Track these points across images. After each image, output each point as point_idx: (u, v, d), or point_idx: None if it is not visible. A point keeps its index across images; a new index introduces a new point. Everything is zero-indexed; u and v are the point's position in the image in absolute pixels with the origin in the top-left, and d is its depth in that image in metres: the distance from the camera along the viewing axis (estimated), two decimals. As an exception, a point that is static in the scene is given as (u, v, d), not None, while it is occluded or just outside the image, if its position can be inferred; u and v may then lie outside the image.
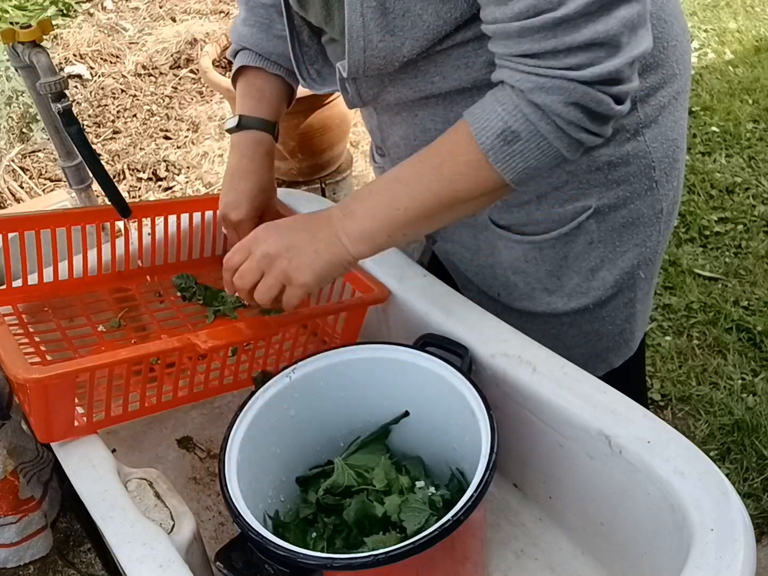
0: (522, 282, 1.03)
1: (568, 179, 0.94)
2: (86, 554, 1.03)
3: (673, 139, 0.96)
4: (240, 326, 0.91)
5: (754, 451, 1.80)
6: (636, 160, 0.94)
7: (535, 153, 0.79)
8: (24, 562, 0.95)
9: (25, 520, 0.94)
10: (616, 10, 0.72)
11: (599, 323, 1.05)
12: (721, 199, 2.59)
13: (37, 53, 1.47)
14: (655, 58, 0.91)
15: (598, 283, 1.01)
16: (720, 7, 3.78)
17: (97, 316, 1.07)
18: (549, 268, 1.00)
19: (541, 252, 0.99)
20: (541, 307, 1.04)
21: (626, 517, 0.81)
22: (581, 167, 0.93)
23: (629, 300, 1.04)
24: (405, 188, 0.83)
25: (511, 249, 1.01)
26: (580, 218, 0.96)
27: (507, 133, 0.78)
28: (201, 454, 1.10)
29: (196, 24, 3.91)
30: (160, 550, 0.74)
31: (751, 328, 2.11)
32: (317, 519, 0.88)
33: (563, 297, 1.02)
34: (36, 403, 0.81)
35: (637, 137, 0.93)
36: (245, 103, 1.08)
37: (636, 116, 0.92)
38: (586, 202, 0.95)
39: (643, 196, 0.97)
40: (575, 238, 0.98)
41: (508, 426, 0.88)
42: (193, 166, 3.01)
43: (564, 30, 0.73)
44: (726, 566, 0.66)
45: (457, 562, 0.79)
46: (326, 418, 0.94)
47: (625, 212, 0.97)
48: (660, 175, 0.96)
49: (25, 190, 2.88)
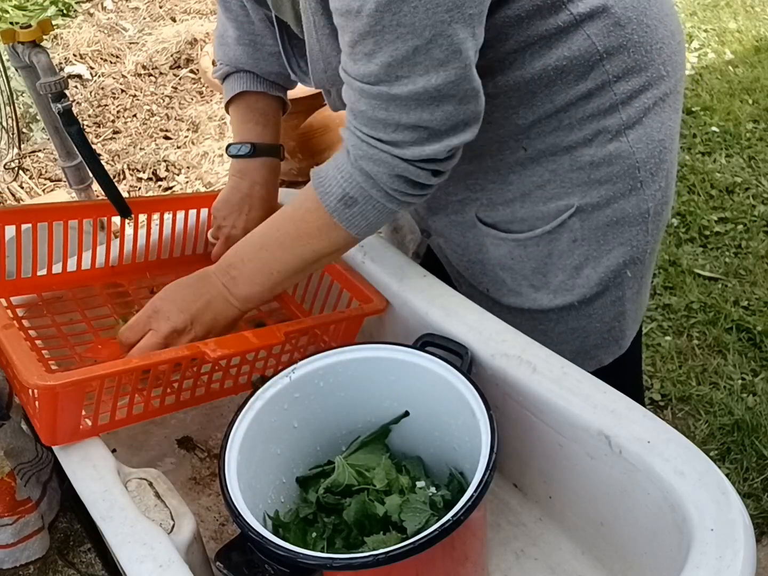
0: (509, 278, 1.04)
1: (551, 178, 0.95)
2: (86, 554, 1.03)
3: (659, 140, 0.97)
4: (247, 335, 0.93)
5: (754, 451, 1.80)
6: (619, 160, 0.95)
7: (373, 213, 0.88)
8: (20, 564, 0.95)
9: (22, 522, 0.94)
10: (444, 105, 0.79)
11: (586, 320, 1.05)
12: (721, 199, 2.59)
13: (37, 53, 1.47)
14: (637, 62, 0.91)
15: (583, 281, 1.01)
16: (720, 7, 3.78)
17: (91, 311, 1.07)
18: (534, 265, 1.02)
19: (525, 249, 1.01)
20: (527, 303, 1.05)
21: (626, 517, 0.81)
22: (563, 166, 0.94)
23: (617, 298, 1.04)
24: (272, 255, 0.92)
25: (497, 246, 1.03)
26: (562, 216, 0.97)
27: (346, 198, 0.86)
28: (201, 454, 1.10)
29: (196, 24, 3.91)
30: (160, 550, 0.74)
31: (751, 328, 2.10)
32: (317, 519, 0.88)
33: (549, 294, 1.03)
34: (45, 408, 0.81)
35: (620, 138, 0.94)
36: (251, 129, 1.09)
37: (618, 118, 0.93)
38: (569, 201, 0.96)
39: (628, 196, 0.97)
40: (559, 236, 0.99)
41: (508, 426, 0.88)
42: (193, 166, 3.01)
43: (395, 107, 0.79)
44: (726, 566, 0.66)
45: (457, 562, 0.79)
46: (326, 418, 0.94)
47: (609, 211, 0.97)
48: (645, 176, 0.97)
49: (25, 190, 2.88)
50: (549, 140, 0.93)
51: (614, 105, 0.92)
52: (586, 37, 0.87)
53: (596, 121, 0.92)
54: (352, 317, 1.02)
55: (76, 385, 0.80)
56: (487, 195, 1.00)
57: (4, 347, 0.83)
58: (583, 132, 0.93)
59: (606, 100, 0.91)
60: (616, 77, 0.91)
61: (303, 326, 0.99)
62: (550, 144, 0.93)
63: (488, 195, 1.00)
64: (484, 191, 1.00)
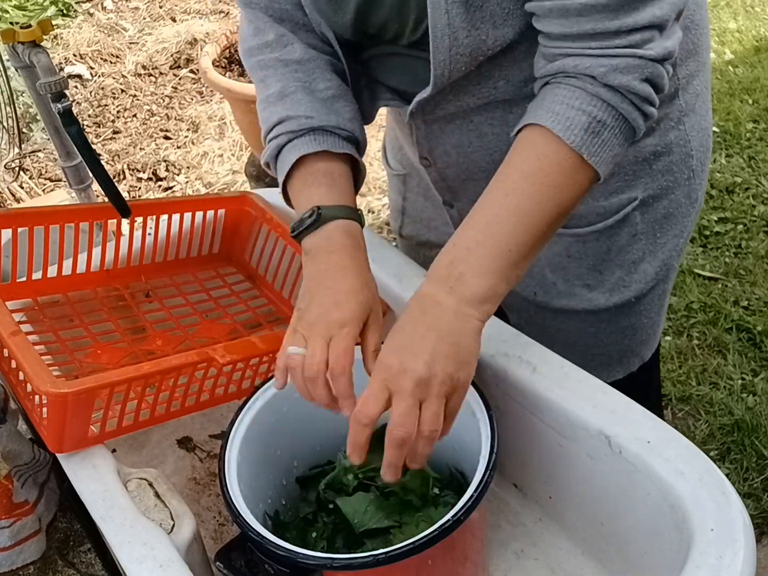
0: (561, 279, 1.01)
1: (615, 171, 0.92)
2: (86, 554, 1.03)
3: (705, 128, 0.97)
4: (255, 340, 0.93)
5: (754, 451, 1.80)
6: (678, 149, 0.94)
7: (620, 138, 0.76)
8: (16, 567, 0.95)
9: (18, 525, 0.94)
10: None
11: (636, 317, 1.03)
12: (721, 199, 2.59)
13: (37, 53, 1.47)
14: (694, 44, 0.90)
15: (640, 276, 0.99)
16: (720, 7, 3.77)
17: (88, 316, 1.06)
18: (591, 263, 0.99)
19: (584, 245, 0.98)
20: (581, 304, 1.01)
21: (626, 517, 0.81)
22: (628, 158, 0.92)
23: (663, 291, 1.03)
24: (507, 228, 0.74)
25: (552, 244, 0.97)
26: (626, 210, 0.95)
27: (594, 125, 0.74)
28: (201, 454, 1.10)
29: (196, 24, 3.91)
30: (160, 550, 0.74)
31: (751, 328, 2.11)
32: (317, 519, 0.88)
33: (605, 292, 1.00)
34: (54, 415, 0.81)
35: (680, 126, 0.93)
36: (313, 193, 0.84)
37: (678, 104, 0.92)
38: (632, 194, 0.94)
39: (682, 186, 0.96)
40: (619, 230, 0.96)
41: (508, 426, 0.88)
42: (193, 166, 3.01)
43: (626, 11, 0.72)
44: (726, 566, 0.66)
45: (457, 562, 0.79)
46: (326, 418, 0.93)
47: (666, 202, 0.96)
48: (696, 164, 0.96)
49: (25, 190, 2.88)
50: None
51: (676, 90, 0.91)
52: None
53: (661, 108, 0.86)
54: None
55: (88, 393, 0.79)
56: None
57: (14, 354, 0.83)
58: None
59: (672, 85, 0.89)
60: (680, 60, 0.89)
61: None
62: None
63: None
64: None
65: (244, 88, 2.54)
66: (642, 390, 0.96)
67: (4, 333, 0.85)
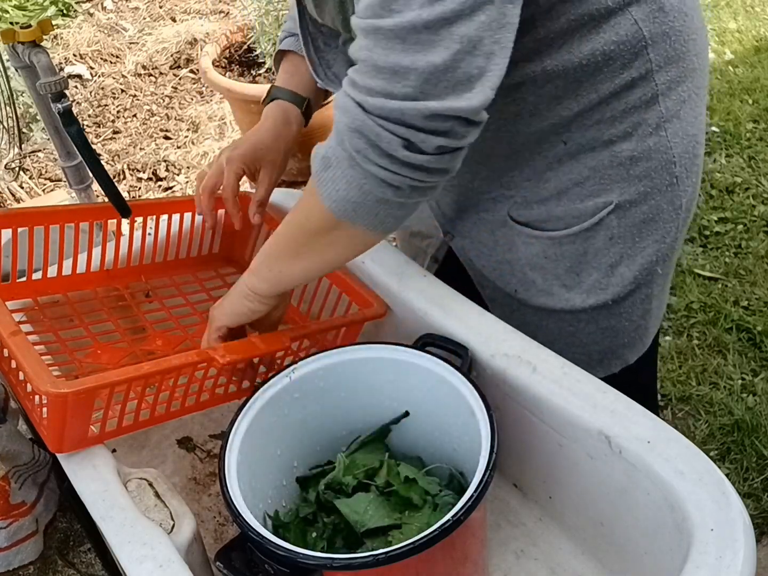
0: (540, 278, 1.03)
1: (590, 175, 0.94)
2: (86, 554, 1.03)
3: (692, 135, 0.96)
4: (255, 341, 0.93)
5: (754, 451, 1.80)
6: (657, 155, 0.94)
7: (342, 182, 0.75)
8: (13, 567, 0.95)
9: (15, 526, 0.94)
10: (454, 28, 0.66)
11: (616, 319, 1.04)
12: (721, 199, 2.59)
13: (37, 53, 1.47)
14: (676, 51, 0.90)
15: (617, 279, 1.00)
16: (720, 7, 3.77)
17: (88, 316, 1.06)
18: (568, 264, 1.00)
19: (560, 248, 0.99)
20: (559, 304, 1.03)
21: (626, 517, 0.81)
22: (603, 162, 0.93)
23: (646, 296, 1.03)
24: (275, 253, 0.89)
25: (529, 245, 1.00)
26: (600, 214, 0.96)
27: (324, 159, 0.77)
28: (201, 454, 1.10)
29: (196, 24, 3.91)
30: (160, 550, 0.75)
31: (751, 328, 2.10)
32: (317, 519, 0.88)
33: (582, 293, 1.01)
34: (54, 415, 0.81)
35: (659, 132, 0.93)
36: (278, 77, 1.11)
37: (657, 110, 0.92)
38: (608, 198, 0.95)
39: (664, 192, 0.96)
40: (595, 233, 0.97)
41: (508, 426, 0.88)
42: (193, 166, 3.01)
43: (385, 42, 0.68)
44: (726, 566, 0.66)
45: (457, 562, 0.79)
46: (326, 418, 0.94)
47: (646, 208, 0.96)
48: (680, 171, 0.96)
49: (25, 190, 2.88)
50: (590, 134, 0.92)
51: (655, 96, 0.91)
52: (633, 22, 0.86)
53: (638, 113, 0.90)
54: (354, 322, 1.02)
55: (88, 393, 0.79)
56: (522, 193, 0.98)
57: (14, 355, 0.83)
58: (624, 125, 0.91)
59: (648, 91, 0.90)
60: (658, 66, 0.89)
61: (307, 331, 0.99)
62: (591, 138, 0.92)
63: (523, 193, 0.97)
64: (518, 189, 0.98)
65: (244, 88, 2.54)
66: (622, 392, 0.97)
67: (4, 333, 0.85)
